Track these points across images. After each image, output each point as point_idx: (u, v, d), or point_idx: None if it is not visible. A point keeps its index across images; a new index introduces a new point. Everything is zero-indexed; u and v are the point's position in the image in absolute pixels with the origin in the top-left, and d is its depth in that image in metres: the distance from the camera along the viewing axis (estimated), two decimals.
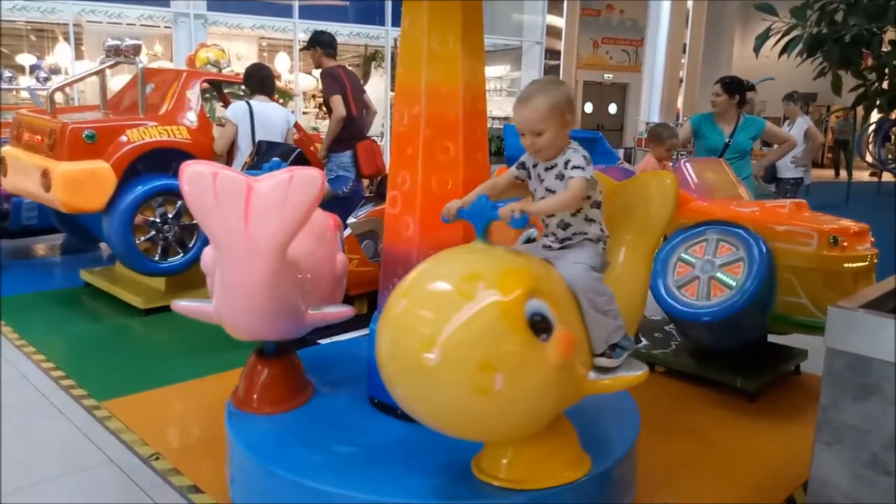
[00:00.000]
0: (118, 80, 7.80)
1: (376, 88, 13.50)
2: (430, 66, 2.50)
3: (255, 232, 2.17)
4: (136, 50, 5.10)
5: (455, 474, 2.19)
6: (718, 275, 3.39)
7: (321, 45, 5.45)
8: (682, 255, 3.54)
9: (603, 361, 2.09)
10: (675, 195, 2.35)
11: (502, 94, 16.38)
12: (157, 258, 4.84)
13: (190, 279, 4.95)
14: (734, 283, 3.32)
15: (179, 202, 4.81)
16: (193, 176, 2.16)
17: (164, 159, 4.86)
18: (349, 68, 5.73)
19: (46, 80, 10.03)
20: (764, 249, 3.33)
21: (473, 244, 2.05)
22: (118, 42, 5.15)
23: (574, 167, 2.12)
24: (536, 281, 1.91)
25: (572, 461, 2.18)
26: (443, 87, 2.50)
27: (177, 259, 4.93)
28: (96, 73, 5.32)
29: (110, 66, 5.23)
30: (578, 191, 2.09)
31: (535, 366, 1.83)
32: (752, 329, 3.67)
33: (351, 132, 5.36)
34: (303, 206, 2.20)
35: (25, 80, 10.84)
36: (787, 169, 7.16)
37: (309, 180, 2.19)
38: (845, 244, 3.33)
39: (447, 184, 2.50)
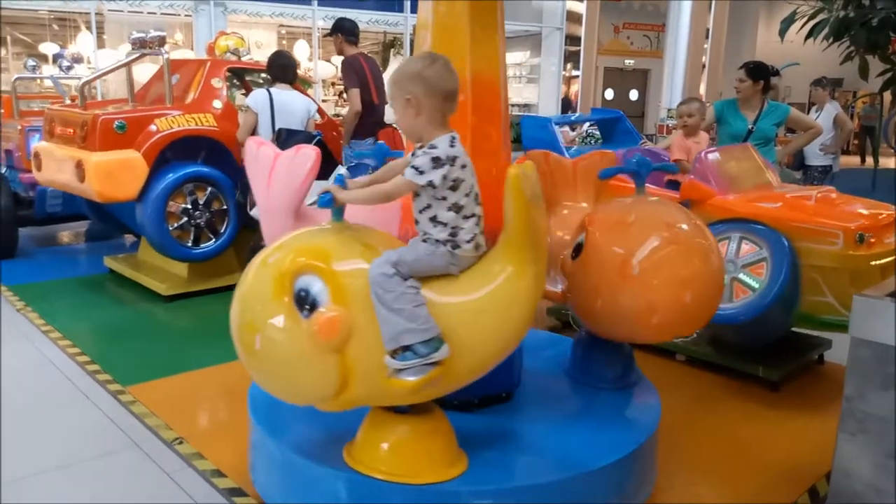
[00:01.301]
0: (139, 70, 7.83)
1: None
2: (474, 53, 2.40)
3: (271, 193, 2.69)
4: (162, 41, 5.14)
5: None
6: (741, 276, 3.30)
7: (342, 31, 5.45)
8: None
9: (387, 360, 1.94)
10: (518, 194, 1.96)
11: (522, 80, 16.24)
12: (190, 244, 4.91)
13: (214, 268, 5.02)
14: (757, 285, 3.23)
15: (209, 189, 4.90)
16: (249, 149, 2.83)
17: (192, 147, 4.93)
18: (369, 55, 5.72)
19: (69, 68, 10.11)
20: (787, 249, 3.22)
21: (328, 222, 2.10)
22: (143, 34, 5.18)
23: (412, 166, 1.94)
24: (324, 260, 1.95)
25: (443, 459, 2.14)
26: (485, 73, 2.43)
27: (209, 244, 4.99)
28: (124, 65, 5.36)
29: (136, 60, 5.26)
30: (394, 190, 1.99)
31: (291, 338, 1.92)
32: (777, 327, 3.60)
33: (373, 119, 5.36)
34: (300, 176, 2.65)
35: (48, 69, 10.95)
36: (816, 156, 7.03)
37: (306, 156, 2.67)
38: (872, 240, 3.19)
39: (492, 171, 2.35)
